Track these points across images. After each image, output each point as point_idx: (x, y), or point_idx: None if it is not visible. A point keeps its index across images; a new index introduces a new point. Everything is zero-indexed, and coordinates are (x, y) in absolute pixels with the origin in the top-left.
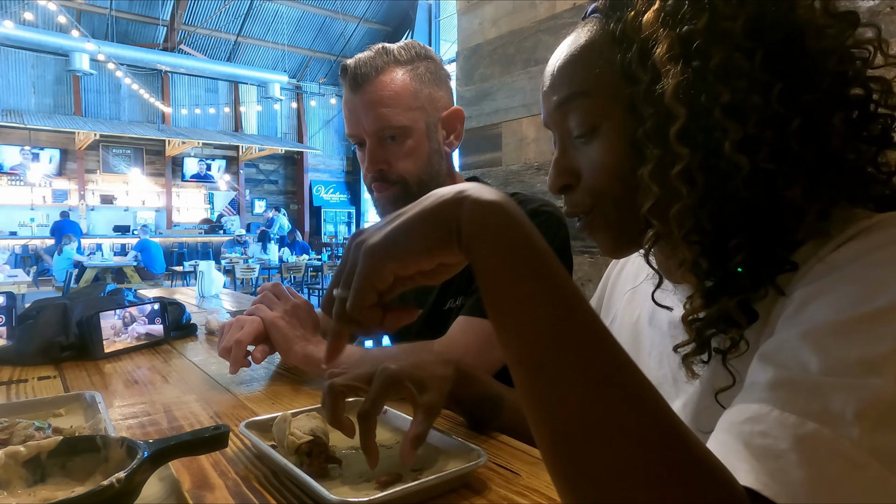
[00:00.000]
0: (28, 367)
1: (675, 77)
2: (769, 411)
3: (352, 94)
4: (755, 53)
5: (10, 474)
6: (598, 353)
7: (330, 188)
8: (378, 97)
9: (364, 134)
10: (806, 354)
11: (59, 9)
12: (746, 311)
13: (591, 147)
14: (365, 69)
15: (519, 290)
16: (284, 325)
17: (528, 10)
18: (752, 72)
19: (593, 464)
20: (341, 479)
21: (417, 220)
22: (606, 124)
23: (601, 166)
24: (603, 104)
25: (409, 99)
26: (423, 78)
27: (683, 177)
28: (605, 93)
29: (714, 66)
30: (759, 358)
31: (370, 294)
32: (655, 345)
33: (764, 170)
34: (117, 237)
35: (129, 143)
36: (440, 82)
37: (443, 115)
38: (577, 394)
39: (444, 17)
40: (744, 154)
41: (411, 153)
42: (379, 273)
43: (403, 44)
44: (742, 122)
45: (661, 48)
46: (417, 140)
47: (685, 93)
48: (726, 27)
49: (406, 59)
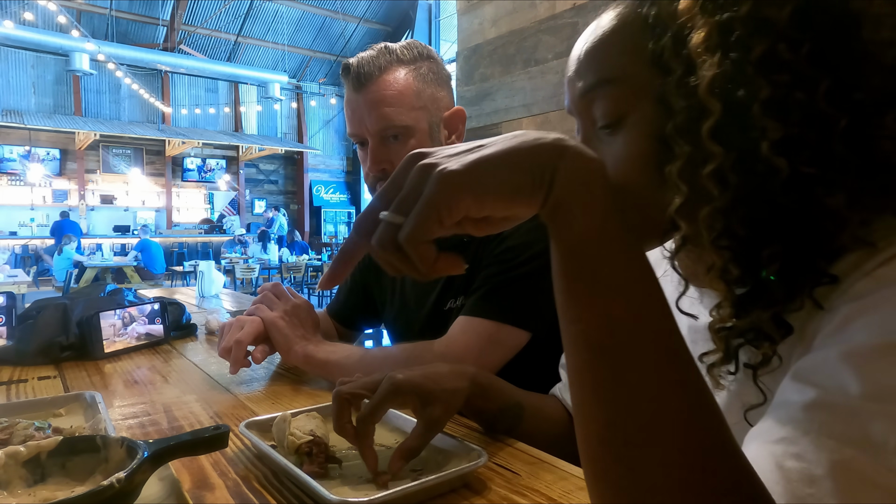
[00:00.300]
0: (28, 367)
1: (711, 68)
2: (804, 433)
3: (354, 94)
4: (801, 45)
5: (10, 474)
6: (676, 349)
7: (330, 188)
8: (381, 96)
9: (367, 133)
10: (846, 377)
11: (59, 9)
12: (780, 324)
13: (616, 139)
14: (368, 68)
15: (605, 264)
16: (284, 325)
17: (528, 10)
18: (797, 66)
19: (643, 465)
20: (341, 479)
21: (508, 157)
22: (633, 115)
23: (625, 159)
24: (631, 94)
25: (412, 98)
26: (426, 78)
27: (715, 177)
28: (634, 82)
29: (755, 59)
30: (794, 376)
31: (434, 226)
32: None
33: (804, 174)
34: (117, 237)
35: (129, 143)
36: (442, 82)
37: (445, 115)
38: (647, 386)
39: (444, 17)
40: (783, 156)
41: None
42: (454, 205)
43: (405, 43)
44: (783, 120)
45: (697, 36)
46: (420, 140)
47: (721, 86)
48: (771, 15)
49: (409, 59)
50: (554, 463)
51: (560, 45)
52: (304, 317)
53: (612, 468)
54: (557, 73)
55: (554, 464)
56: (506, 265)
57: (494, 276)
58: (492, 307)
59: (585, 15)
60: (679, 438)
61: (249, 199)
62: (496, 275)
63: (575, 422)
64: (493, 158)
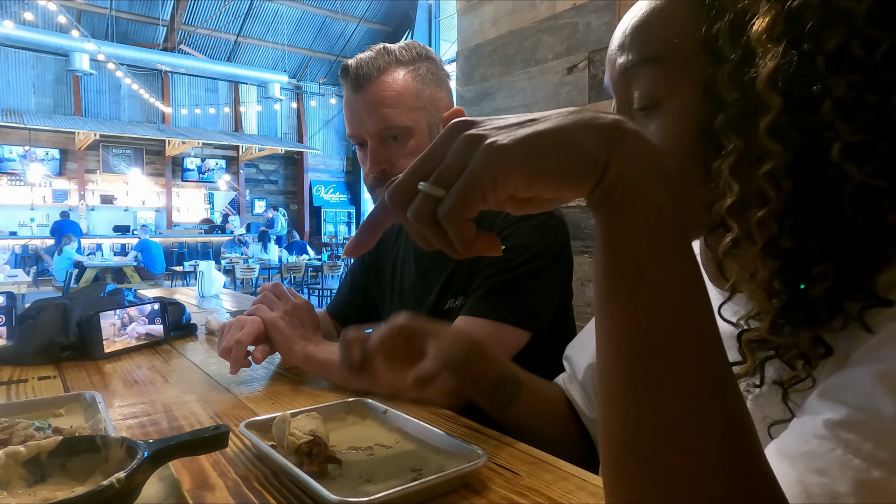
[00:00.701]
0: (28, 367)
1: (773, 59)
2: (831, 450)
3: (353, 95)
4: (878, 44)
5: (10, 474)
6: (714, 352)
7: (330, 188)
8: (380, 97)
9: (366, 134)
10: (881, 397)
11: (59, 9)
12: (820, 344)
13: (652, 123)
14: (367, 69)
15: (654, 260)
16: (284, 325)
17: (528, 10)
18: (871, 66)
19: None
20: (341, 479)
21: (563, 135)
22: (674, 100)
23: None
24: (674, 77)
25: (411, 99)
26: (425, 78)
27: (772, 177)
28: (680, 64)
29: (828, 52)
30: (824, 392)
31: (479, 203)
32: None
33: (871, 186)
34: (117, 237)
35: (129, 143)
36: (441, 83)
37: (444, 115)
38: (682, 389)
39: (444, 17)
40: (854, 162)
41: (413, 154)
42: (500, 183)
43: (404, 44)
44: (853, 123)
45: (760, 23)
46: (419, 140)
47: (784, 80)
48: (847, 7)
49: (408, 60)
50: (554, 463)
51: (560, 45)
52: (304, 317)
53: (636, 471)
54: (557, 73)
55: (554, 464)
56: (506, 264)
57: (494, 275)
58: (492, 307)
59: (586, 15)
60: (709, 444)
61: (249, 199)
62: (496, 274)
63: (600, 421)
64: (547, 135)
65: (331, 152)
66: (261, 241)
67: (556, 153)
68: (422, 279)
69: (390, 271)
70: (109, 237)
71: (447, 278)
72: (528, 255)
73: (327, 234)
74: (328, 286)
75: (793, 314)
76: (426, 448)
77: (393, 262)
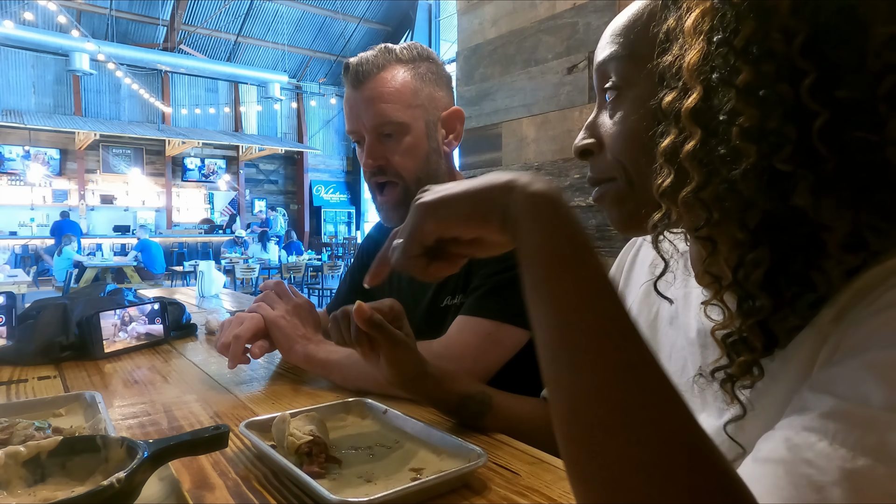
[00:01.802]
0: (28, 367)
1: (696, 50)
2: (817, 441)
3: (353, 91)
4: (795, 36)
5: (10, 474)
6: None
7: (330, 188)
8: (378, 93)
9: (364, 129)
10: (868, 386)
11: (59, 9)
12: (765, 334)
13: (614, 112)
14: (367, 66)
15: (551, 277)
16: (286, 324)
17: (528, 10)
18: (788, 56)
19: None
20: (341, 479)
21: (467, 193)
22: (632, 91)
23: (619, 134)
24: (633, 69)
25: (409, 96)
26: (424, 77)
27: (693, 158)
28: (639, 58)
29: (738, 43)
30: (812, 386)
31: (415, 245)
32: (677, 348)
33: (780, 171)
34: (117, 237)
35: (129, 143)
36: (441, 83)
37: (443, 114)
38: (590, 380)
39: (444, 17)
40: (753, 143)
41: (409, 150)
42: (422, 229)
43: (406, 44)
44: (760, 108)
45: (691, 17)
46: (416, 137)
47: (700, 67)
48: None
49: (408, 59)
50: (554, 463)
51: (560, 45)
52: (305, 316)
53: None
54: (557, 73)
55: (554, 464)
56: (504, 264)
57: (493, 275)
58: (491, 306)
59: (586, 15)
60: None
61: (249, 199)
62: (495, 274)
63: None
64: (456, 193)
65: (331, 152)
66: (260, 242)
67: (459, 205)
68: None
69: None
70: (109, 237)
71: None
72: None
73: (327, 234)
74: (328, 286)
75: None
76: (426, 448)
77: None
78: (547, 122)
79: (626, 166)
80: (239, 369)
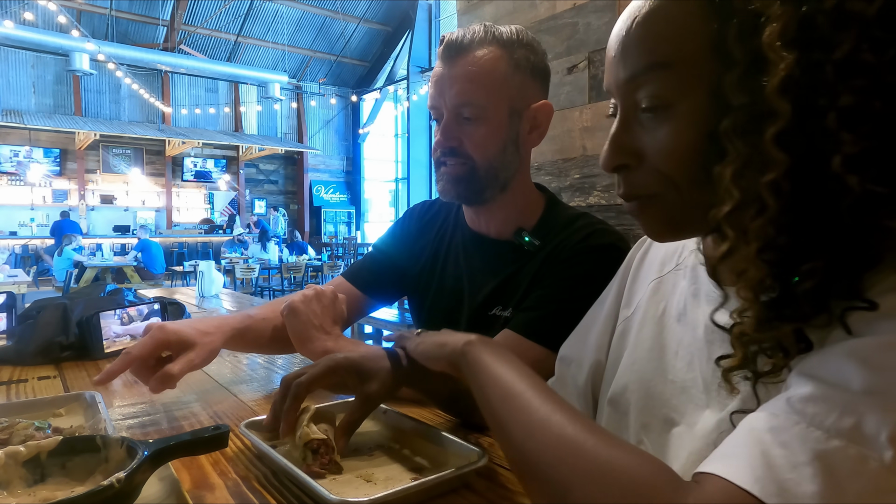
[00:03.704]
0: (28, 367)
1: (785, 66)
2: (795, 424)
3: (442, 65)
4: (888, 47)
5: (10, 474)
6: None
7: (330, 188)
8: (466, 72)
9: (444, 107)
10: (849, 371)
11: (59, 9)
12: (801, 339)
13: (662, 127)
14: (462, 42)
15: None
16: (304, 310)
17: (528, 10)
18: (878, 71)
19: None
20: (341, 478)
21: (434, 347)
22: (684, 104)
23: (671, 151)
24: (685, 80)
25: (498, 80)
26: (520, 64)
27: (774, 186)
28: (690, 68)
29: (836, 60)
30: (798, 372)
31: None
32: (685, 345)
33: (872, 193)
34: (117, 237)
35: (129, 143)
36: (537, 74)
37: (532, 106)
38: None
39: (444, 17)
40: (855, 173)
41: (486, 138)
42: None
43: (510, 27)
44: (858, 132)
45: (772, 28)
46: (496, 125)
47: (794, 88)
48: (858, 10)
49: (507, 42)
50: None
51: (560, 45)
52: (326, 304)
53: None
54: (557, 73)
55: None
56: (568, 293)
57: (555, 301)
58: (546, 333)
59: (586, 15)
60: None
61: (249, 199)
62: (557, 301)
63: None
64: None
65: (331, 152)
66: (260, 241)
67: (433, 356)
68: (470, 280)
69: (431, 259)
70: (109, 237)
71: (499, 284)
72: (590, 286)
73: (327, 234)
74: None
75: (780, 309)
76: (426, 448)
77: (436, 249)
78: None
79: (677, 181)
80: (238, 369)
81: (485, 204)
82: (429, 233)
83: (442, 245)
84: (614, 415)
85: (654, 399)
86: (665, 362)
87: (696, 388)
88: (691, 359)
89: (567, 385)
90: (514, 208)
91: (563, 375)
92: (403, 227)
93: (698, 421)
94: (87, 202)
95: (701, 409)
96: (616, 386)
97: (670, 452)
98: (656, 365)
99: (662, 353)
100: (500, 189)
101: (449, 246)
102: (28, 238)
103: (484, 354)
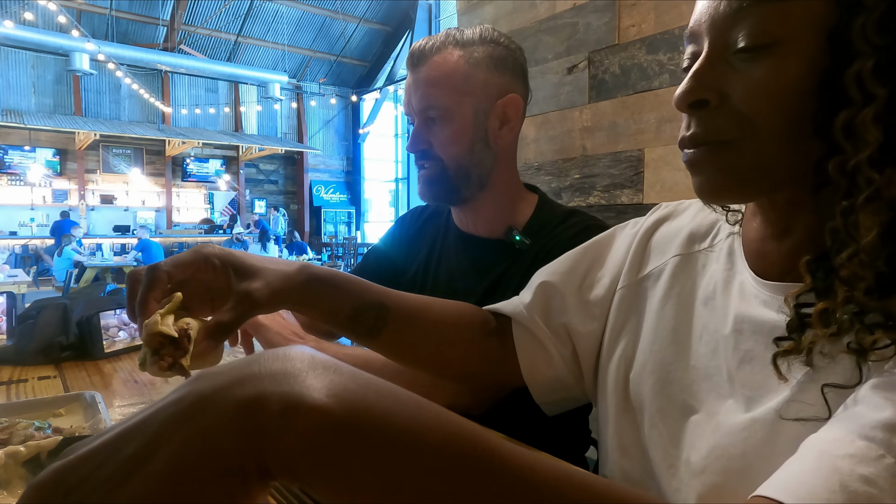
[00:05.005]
0: (28, 367)
1: None
2: (880, 456)
3: (409, 73)
4: None
5: (10, 474)
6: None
7: (330, 188)
8: (427, 76)
9: (413, 112)
10: None
11: (59, 9)
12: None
13: (759, 66)
14: (424, 49)
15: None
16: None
17: (528, 10)
18: None
19: None
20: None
21: None
22: (793, 43)
23: (767, 91)
24: (794, 17)
25: (458, 81)
26: (480, 62)
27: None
28: (805, 5)
29: None
30: (876, 386)
31: None
32: (710, 331)
33: None
34: (117, 237)
35: (129, 143)
36: (501, 68)
37: (498, 102)
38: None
39: (444, 17)
40: None
41: (452, 138)
42: None
43: (473, 27)
44: None
45: None
46: (461, 125)
47: None
48: None
49: (466, 42)
50: None
51: (560, 45)
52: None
53: None
54: (557, 72)
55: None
56: None
57: None
58: None
59: (586, 15)
60: None
61: (249, 199)
62: None
63: None
64: None
65: (331, 152)
66: (260, 241)
67: None
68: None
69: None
70: (109, 237)
71: (491, 283)
72: None
73: (327, 234)
74: None
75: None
76: None
77: (430, 251)
78: (547, 121)
79: (761, 127)
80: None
81: (466, 203)
82: (424, 235)
83: (435, 246)
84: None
85: (674, 384)
86: (688, 346)
87: (719, 377)
88: (716, 346)
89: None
90: (501, 206)
91: (546, 304)
92: (400, 230)
93: (720, 411)
94: (87, 202)
95: (724, 398)
96: (637, 365)
97: (686, 440)
98: (678, 348)
99: (686, 336)
100: (479, 187)
101: (442, 247)
102: (28, 238)
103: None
